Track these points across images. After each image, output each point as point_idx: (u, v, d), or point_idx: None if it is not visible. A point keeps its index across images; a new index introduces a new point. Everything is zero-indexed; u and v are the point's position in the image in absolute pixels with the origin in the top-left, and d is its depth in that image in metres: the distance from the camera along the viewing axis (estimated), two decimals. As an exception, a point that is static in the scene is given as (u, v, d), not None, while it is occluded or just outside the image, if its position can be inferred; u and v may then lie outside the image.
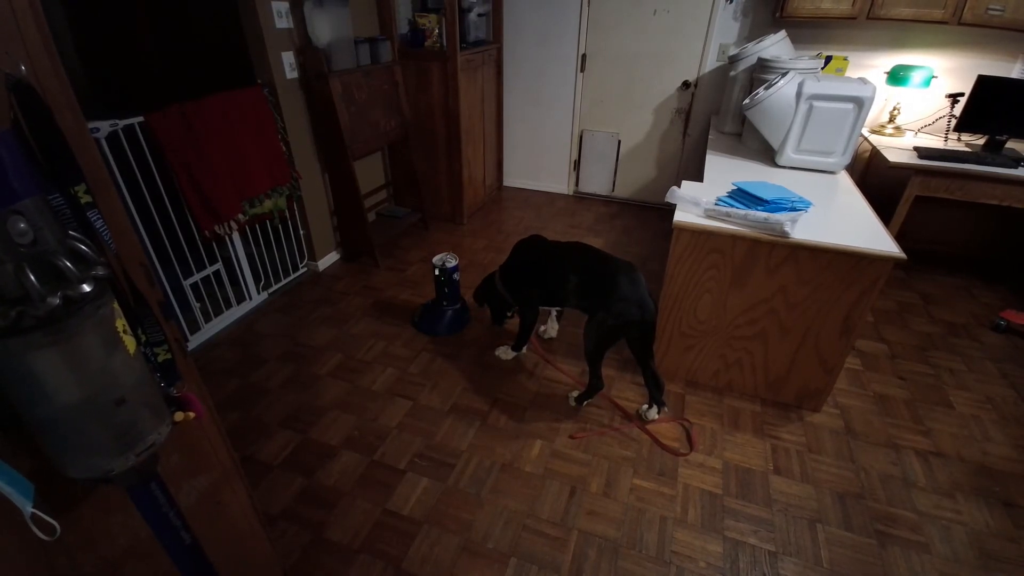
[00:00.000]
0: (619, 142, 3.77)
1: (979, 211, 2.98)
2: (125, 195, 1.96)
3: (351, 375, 2.19)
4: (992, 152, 2.62)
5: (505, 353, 2.28)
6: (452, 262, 2.38)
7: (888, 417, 2.01)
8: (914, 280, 2.94)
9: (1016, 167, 2.45)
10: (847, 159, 2.30)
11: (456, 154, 3.33)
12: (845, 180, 2.29)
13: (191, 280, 2.27)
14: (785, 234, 1.73)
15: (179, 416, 0.80)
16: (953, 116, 2.80)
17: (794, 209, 1.85)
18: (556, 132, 3.90)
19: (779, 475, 1.75)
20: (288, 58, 2.46)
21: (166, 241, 2.12)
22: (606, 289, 1.81)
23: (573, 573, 1.46)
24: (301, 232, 2.83)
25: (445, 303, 2.46)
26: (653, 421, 1.95)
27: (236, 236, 2.45)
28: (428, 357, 2.30)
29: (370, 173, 3.32)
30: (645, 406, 1.97)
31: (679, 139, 3.63)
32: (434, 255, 2.42)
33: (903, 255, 1.65)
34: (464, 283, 2.59)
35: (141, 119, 1.95)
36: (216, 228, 2.22)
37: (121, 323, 0.56)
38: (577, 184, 4.07)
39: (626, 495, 1.68)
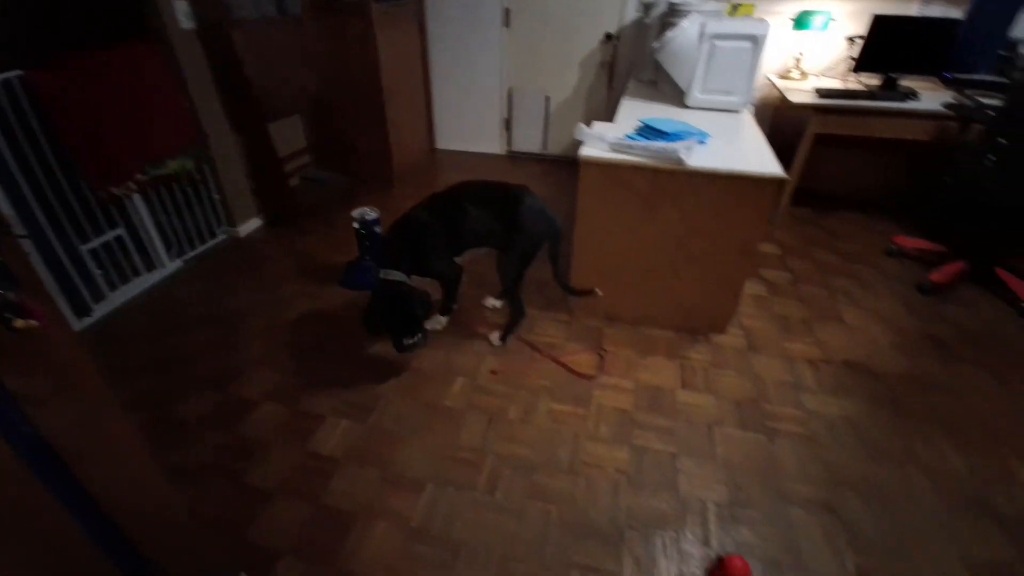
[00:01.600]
0: (547, 98, 3.79)
1: (876, 150, 3.18)
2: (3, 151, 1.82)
3: (276, 334, 2.15)
4: (886, 89, 2.80)
5: (437, 323, 2.15)
6: (372, 214, 2.35)
7: (787, 333, 2.17)
8: (820, 218, 3.13)
9: (904, 100, 2.63)
10: (748, 97, 2.41)
11: (380, 115, 3.25)
12: (747, 118, 2.40)
13: (90, 245, 2.15)
14: (680, 161, 1.80)
15: (20, 323, 0.78)
16: (852, 58, 2.96)
17: (691, 139, 1.93)
18: (485, 91, 3.87)
19: (685, 389, 1.87)
20: (182, 8, 2.32)
21: (54, 202, 1.99)
22: (515, 214, 1.86)
23: (488, 490, 1.52)
24: (215, 197, 2.72)
25: (367, 257, 2.43)
26: (572, 354, 2.02)
27: (139, 200, 2.33)
28: (354, 311, 2.28)
29: (290, 135, 3.21)
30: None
31: (604, 92, 3.68)
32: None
33: (784, 174, 1.76)
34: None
35: (20, 73, 1.81)
36: (112, 189, 2.10)
37: None
38: (510, 144, 4.08)
39: (543, 419, 1.75)
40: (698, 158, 1.85)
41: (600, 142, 1.97)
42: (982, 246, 2.47)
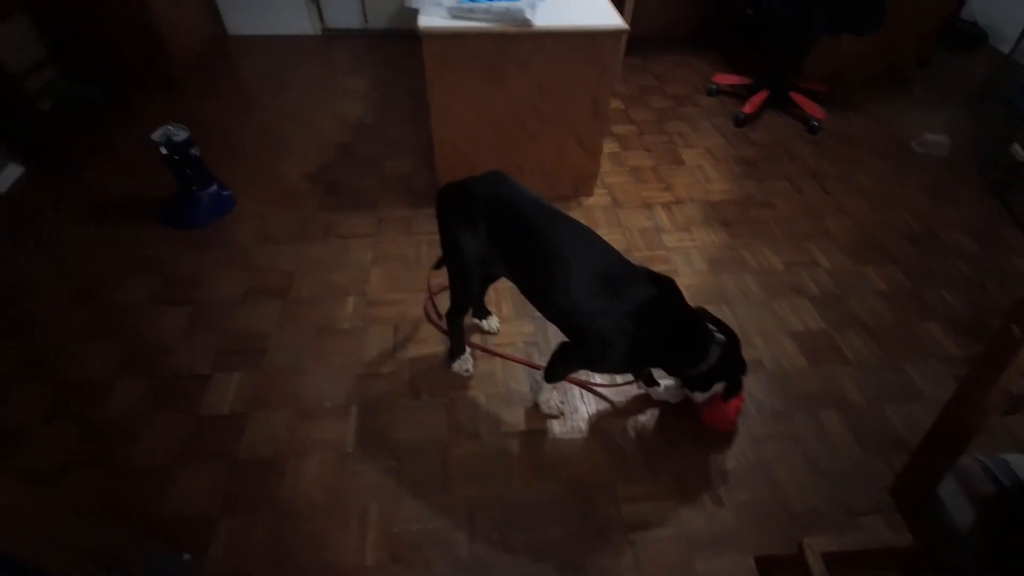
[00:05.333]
0: (352, -44, 3.21)
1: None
2: None
3: (92, 298, 1.78)
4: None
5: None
6: (181, 134, 1.92)
7: (641, 184, 2.37)
8: (649, 64, 3.30)
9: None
10: (575, -61, 2.28)
11: (136, -6, 2.49)
12: (577, -37, 2.30)
13: None
14: (527, 22, 1.71)
15: None
16: None
17: (532, -5, 1.82)
18: (271, -48, 3.14)
19: (567, 254, 2.00)
20: None
21: None
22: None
23: (413, 395, 1.55)
24: (-68, 143, 1.98)
25: (195, 188, 2.04)
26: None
27: None
28: (195, 253, 1.96)
29: (21, 45, 2.36)
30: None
31: (418, -55, 3.21)
32: (149, 133, 1.91)
33: (627, 27, 1.77)
34: (211, 159, 2.15)
35: None
36: None
37: None
38: (322, 19, 3.47)
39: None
40: (541, 16, 1.77)
41: (436, 7, 1.76)
42: (779, 73, 2.84)
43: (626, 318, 1.16)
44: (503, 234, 1.23)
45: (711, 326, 1.30)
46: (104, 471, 1.36)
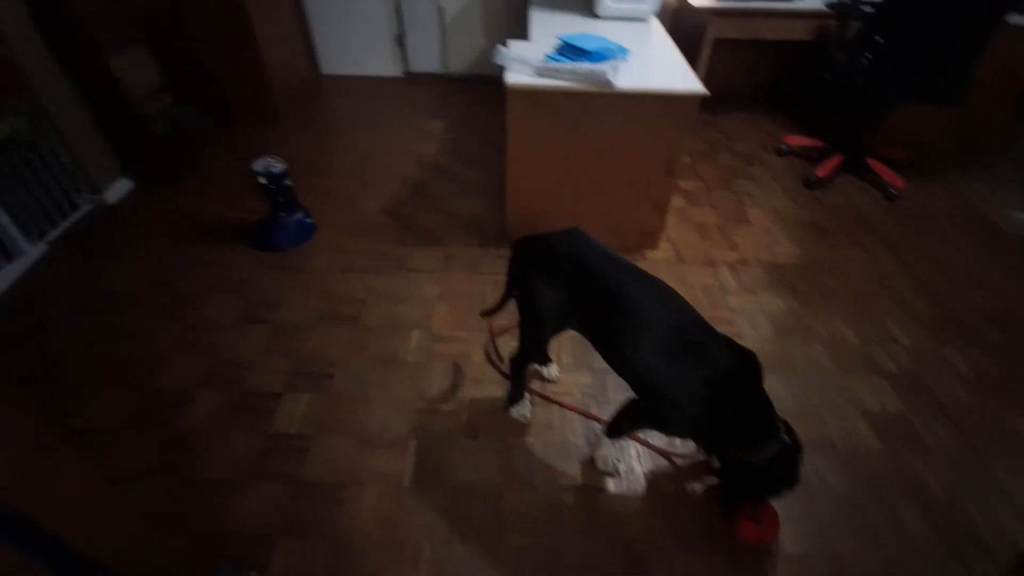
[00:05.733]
0: (440, 8, 3.44)
1: (765, 49, 3.36)
2: None
3: (186, 312, 1.92)
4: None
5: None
6: (278, 166, 2.09)
7: (707, 241, 2.36)
8: (719, 121, 3.32)
9: (792, 0, 2.75)
10: (655, 4, 2.38)
11: (246, 34, 2.75)
12: (656, 26, 2.38)
13: (-87, 242, 1.70)
14: (609, 83, 1.78)
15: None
16: (740, -44, 2.99)
17: (614, 58, 1.90)
18: (368, 1, 3.41)
19: (629, 307, 2.00)
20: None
21: None
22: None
23: (471, 436, 1.57)
24: (65, 159, 2.23)
25: (283, 214, 2.20)
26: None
27: (-36, 175, 1.85)
28: (277, 275, 2.09)
29: (141, 72, 2.65)
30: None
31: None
32: (250, 162, 2.09)
33: (706, 91, 1.81)
34: (299, 189, 2.31)
35: None
36: (-77, 167, 1.64)
37: None
38: (407, 63, 3.72)
39: (506, 356, 1.80)
40: (622, 77, 1.83)
41: (523, 66, 1.86)
42: (855, 139, 2.79)
43: (702, 383, 1.14)
44: (580, 290, 1.26)
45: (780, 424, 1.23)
46: (179, 480, 1.45)
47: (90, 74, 2.21)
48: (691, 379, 1.15)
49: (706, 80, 2.57)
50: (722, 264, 2.24)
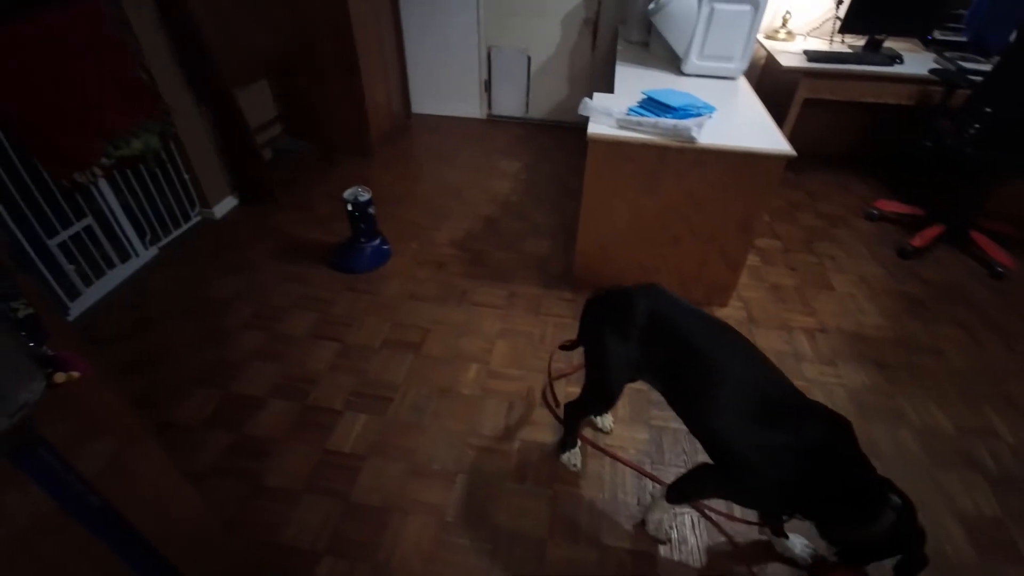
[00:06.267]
0: (528, 58, 3.62)
1: (857, 110, 3.24)
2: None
3: (267, 323, 2.06)
4: (871, 51, 2.81)
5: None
6: (365, 195, 2.24)
7: (782, 303, 2.25)
8: (802, 180, 3.20)
9: (892, 64, 2.65)
10: (745, 64, 2.37)
11: (354, 77, 3.03)
12: (744, 85, 2.37)
13: (57, 239, 1.96)
14: (692, 139, 1.78)
15: (60, 377, 0.71)
16: (838, 18, 2.94)
17: (699, 115, 1.90)
18: (462, 49, 3.66)
19: (694, 365, 1.93)
20: (130, -37, 2.05)
21: (15, 195, 1.79)
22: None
23: (518, 479, 1.55)
24: (186, 176, 2.52)
25: (363, 239, 2.34)
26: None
27: (105, 185, 2.13)
28: (351, 296, 2.21)
29: (258, 104, 2.97)
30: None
31: (588, 52, 3.55)
32: (342, 190, 2.26)
33: (793, 152, 1.77)
34: (380, 217, 2.46)
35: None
36: (75, 176, 1.90)
37: (-55, 267, 0.46)
38: (490, 107, 3.92)
39: (563, 400, 1.78)
40: (707, 133, 1.83)
41: (606, 117, 1.91)
42: (959, 209, 2.59)
43: (787, 453, 1.06)
44: (660, 344, 1.22)
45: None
46: (242, 483, 1.53)
47: (218, 103, 2.50)
48: (776, 447, 1.07)
49: (791, 138, 2.52)
50: (798, 329, 2.12)
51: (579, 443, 1.61)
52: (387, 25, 3.36)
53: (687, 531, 1.44)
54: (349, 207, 2.21)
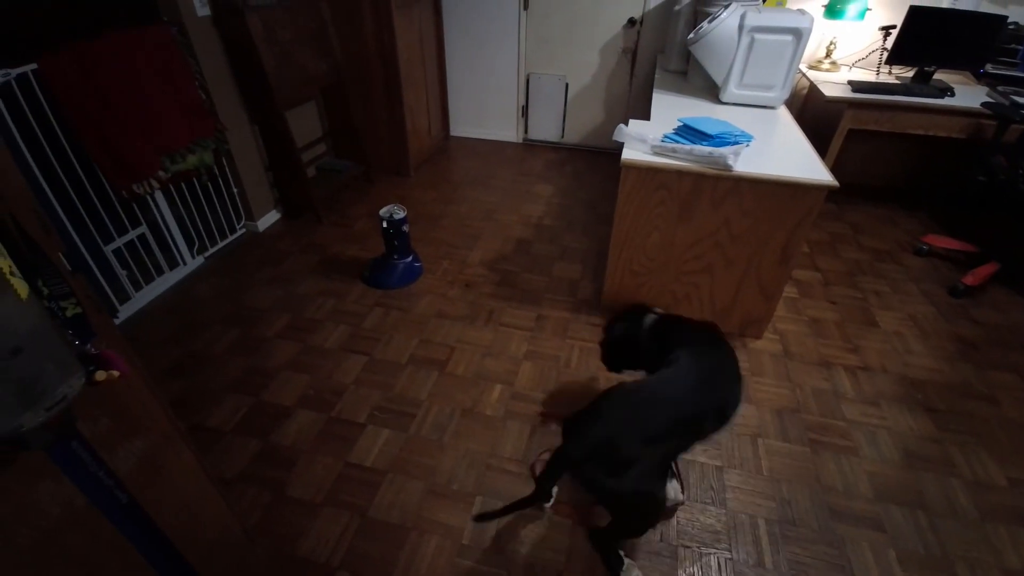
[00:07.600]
0: (566, 85, 3.68)
1: (903, 142, 3.13)
2: (25, 153, 1.75)
3: (301, 334, 2.12)
4: (920, 83, 2.73)
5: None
6: (400, 214, 2.29)
7: (821, 338, 2.16)
8: (845, 212, 3.10)
9: (942, 96, 2.56)
10: (786, 93, 2.34)
11: (397, 101, 3.15)
12: (784, 114, 2.34)
13: (113, 246, 2.09)
14: (728, 167, 1.75)
15: (101, 375, 0.74)
16: (885, 49, 2.88)
17: (736, 143, 1.88)
18: (502, 76, 3.75)
19: (725, 398, 1.86)
20: (198, -7, 2.21)
21: (78, 203, 1.93)
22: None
23: (537, 506, 1.52)
24: (235, 190, 2.65)
25: (396, 256, 2.39)
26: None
27: (160, 196, 2.26)
28: (381, 311, 2.25)
29: (305, 124, 3.11)
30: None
31: (626, 80, 3.58)
32: (380, 208, 2.32)
33: (835, 183, 1.72)
34: (415, 236, 2.52)
35: (35, 66, 1.72)
36: (134, 187, 2.03)
37: (6, 264, 0.49)
38: (526, 131, 3.98)
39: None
40: (744, 162, 1.80)
41: (641, 144, 1.91)
42: (1015, 248, 2.45)
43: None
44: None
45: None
46: (266, 491, 1.55)
47: (268, 122, 2.63)
48: None
49: (833, 169, 2.46)
50: (839, 367, 2.02)
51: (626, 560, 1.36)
52: (431, 54, 3.49)
53: (711, 571, 1.37)
54: (384, 224, 2.27)
